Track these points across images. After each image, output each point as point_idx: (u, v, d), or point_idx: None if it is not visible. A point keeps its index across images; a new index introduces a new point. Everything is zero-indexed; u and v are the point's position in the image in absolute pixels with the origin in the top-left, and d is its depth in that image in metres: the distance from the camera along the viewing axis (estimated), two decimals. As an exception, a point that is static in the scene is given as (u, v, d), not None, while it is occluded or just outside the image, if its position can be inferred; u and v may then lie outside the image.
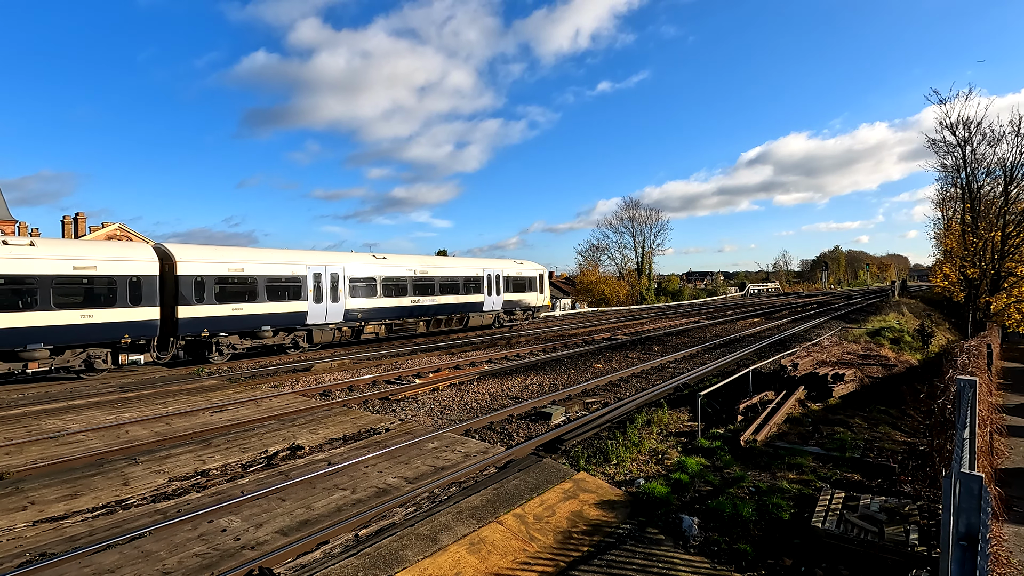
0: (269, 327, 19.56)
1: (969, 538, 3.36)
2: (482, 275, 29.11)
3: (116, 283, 15.94)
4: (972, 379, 5.05)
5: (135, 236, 45.44)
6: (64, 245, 16.21)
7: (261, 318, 19.29)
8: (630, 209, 75.10)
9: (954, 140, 28.87)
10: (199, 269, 17.80)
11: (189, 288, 17.46)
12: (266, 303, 19.43)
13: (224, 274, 18.37)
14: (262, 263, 19.56)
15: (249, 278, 19.02)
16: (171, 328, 17.28)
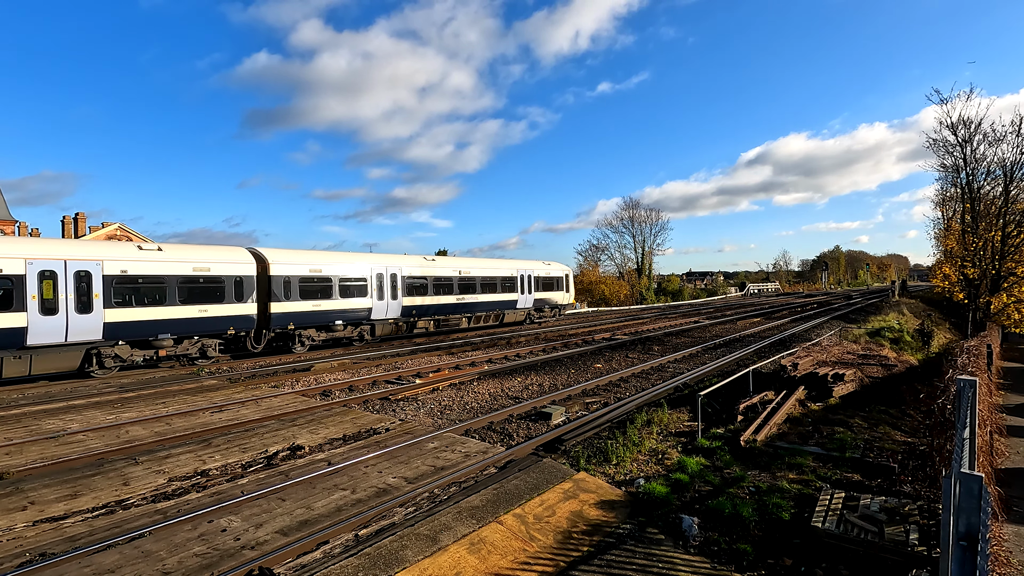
0: (341, 321, 22.15)
1: (969, 538, 3.36)
2: (516, 275, 31.65)
3: (224, 282, 18.46)
4: (972, 379, 5.06)
5: (135, 236, 45.43)
6: (184, 250, 18.44)
7: (335, 313, 21.91)
8: (630, 209, 75.19)
9: (954, 140, 28.86)
10: (287, 270, 20.32)
11: (279, 287, 19.97)
12: (339, 300, 22.05)
13: (306, 274, 20.89)
14: (336, 264, 22.29)
15: (326, 278, 21.67)
16: (264, 322, 19.82)
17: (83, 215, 46.58)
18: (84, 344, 15.56)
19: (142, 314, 16.47)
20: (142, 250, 17.01)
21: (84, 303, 15.43)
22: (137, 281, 16.52)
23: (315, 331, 21.50)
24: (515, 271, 31.67)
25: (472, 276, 28.57)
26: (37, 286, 14.64)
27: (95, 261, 15.72)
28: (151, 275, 16.82)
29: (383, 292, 23.71)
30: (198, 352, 18.30)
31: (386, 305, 23.88)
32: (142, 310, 16.50)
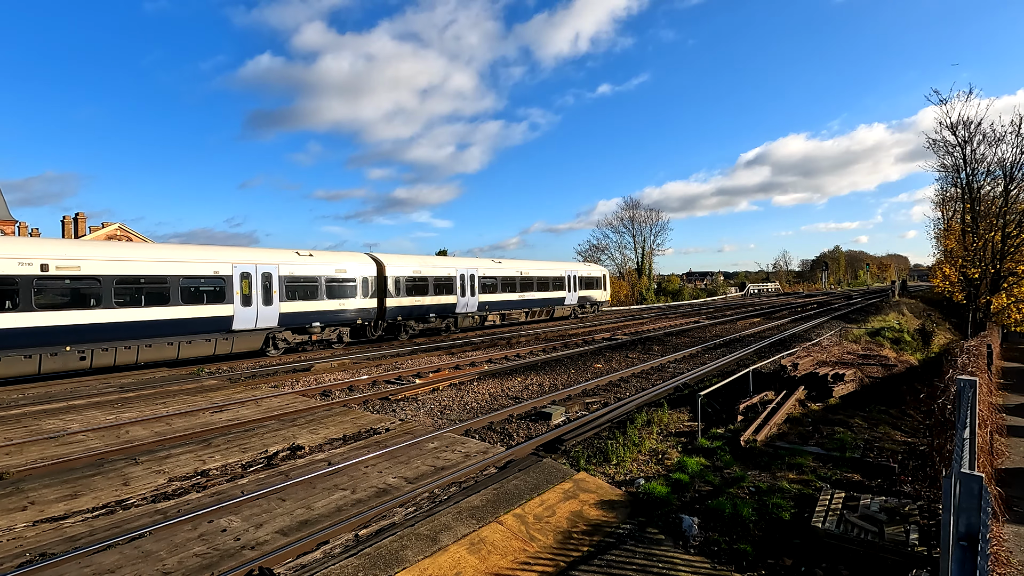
0: (434, 314, 26.71)
1: (969, 538, 3.36)
2: (564, 275, 35.76)
3: (355, 281, 22.72)
4: (972, 379, 5.06)
5: (135, 236, 45.43)
6: (329, 255, 22.60)
7: (430, 307, 26.40)
8: (630, 209, 75.26)
9: (954, 140, 28.83)
10: (397, 272, 24.69)
11: (392, 285, 24.41)
12: (433, 297, 26.45)
13: (410, 275, 25.36)
14: (430, 267, 26.64)
15: (424, 278, 26.12)
16: (381, 314, 24.09)
17: (83, 215, 46.60)
18: (266, 330, 19.81)
19: (302, 307, 20.73)
20: (300, 256, 21.17)
21: (267, 298, 19.54)
22: (300, 280, 20.69)
23: (415, 322, 25.95)
24: (563, 272, 35.84)
25: (530, 276, 32.98)
26: (239, 285, 18.67)
27: (274, 265, 19.85)
28: (308, 275, 21.03)
29: (465, 290, 28.15)
30: (336, 337, 22.54)
31: (467, 301, 28.42)
32: (302, 303, 20.74)
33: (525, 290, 32.43)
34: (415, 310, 25.54)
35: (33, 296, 14.48)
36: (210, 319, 17.93)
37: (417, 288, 25.61)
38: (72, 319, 15.10)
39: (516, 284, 31.86)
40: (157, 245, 20.80)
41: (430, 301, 26.27)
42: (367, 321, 23.37)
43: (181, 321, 17.23)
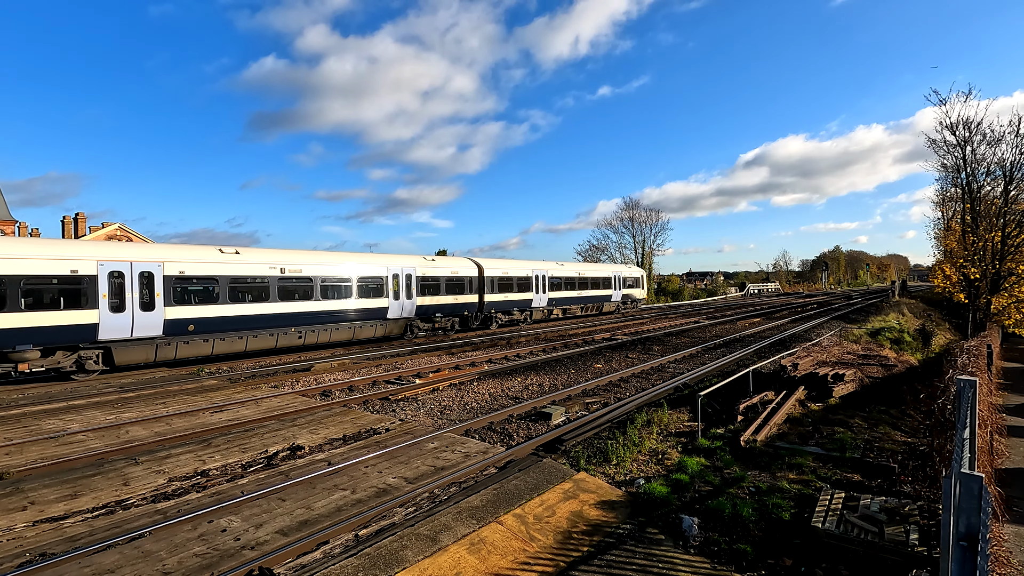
0: (516, 308, 32.20)
1: (969, 538, 3.36)
2: (611, 276, 41.35)
3: (464, 281, 28.42)
4: (972, 379, 5.06)
5: (135, 236, 45.44)
6: (446, 260, 29.39)
7: (514, 303, 31.86)
8: (630, 209, 75.25)
9: (954, 140, 28.84)
10: (492, 273, 30.18)
11: (489, 284, 29.94)
12: (516, 294, 31.94)
13: (501, 275, 30.87)
14: (515, 269, 32.23)
15: (510, 278, 31.52)
16: (480, 307, 29.48)
17: (83, 215, 46.61)
18: (407, 318, 25.18)
19: (431, 300, 26.23)
20: (427, 260, 26.88)
21: (409, 294, 24.99)
22: (429, 280, 26.20)
23: (502, 314, 31.31)
24: (611, 273, 41.69)
25: (586, 276, 38.48)
26: (391, 284, 24.24)
27: (412, 268, 25.44)
28: (434, 276, 26.63)
29: (538, 288, 33.73)
30: (450, 325, 28.13)
31: (540, 297, 34.04)
32: (431, 298, 26.24)
33: (582, 288, 37.90)
34: (504, 304, 31.16)
35: (276, 291, 19.67)
36: (374, 309, 23.54)
37: (506, 286, 31.25)
38: (296, 308, 20.32)
39: (575, 283, 37.30)
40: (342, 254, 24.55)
41: (514, 297, 32.02)
42: (471, 313, 29.01)
43: (358, 311, 22.85)
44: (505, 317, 31.59)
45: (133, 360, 16.44)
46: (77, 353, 15.46)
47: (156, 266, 16.58)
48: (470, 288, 28.61)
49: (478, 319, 29.76)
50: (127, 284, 15.97)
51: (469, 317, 29.16)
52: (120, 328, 15.84)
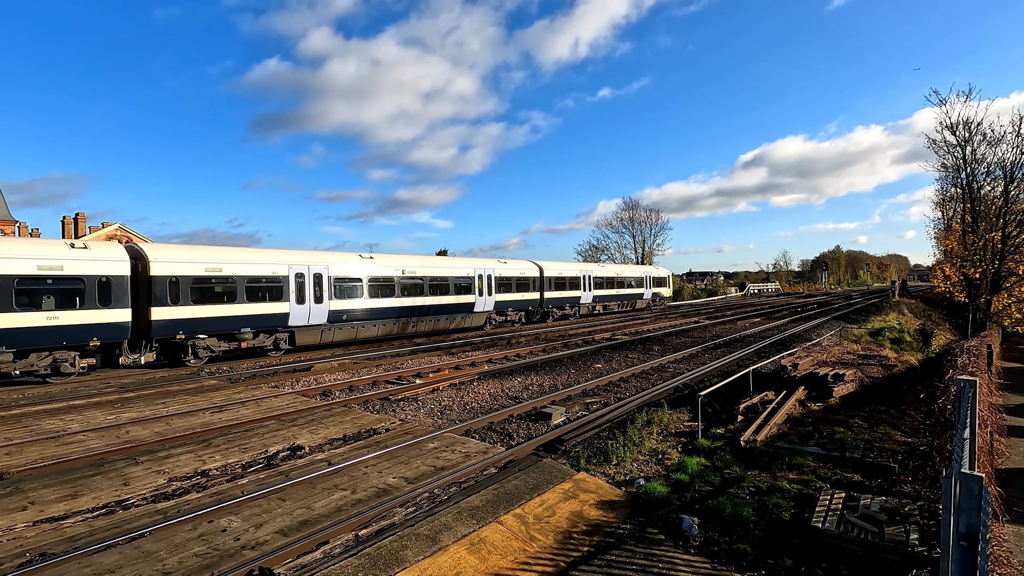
0: (568, 305, 36.77)
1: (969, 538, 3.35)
2: (643, 276, 46.30)
3: (529, 280, 33.04)
4: (972, 379, 5.06)
5: (135, 236, 45.44)
6: (514, 262, 33.08)
7: (566, 299, 36.50)
8: (630, 210, 75.40)
9: (954, 140, 28.84)
10: (550, 273, 34.95)
11: (548, 283, 34.57)
12: (567, 291, 36.54)
13: (557, 276, 35.55)
14: (567, 270, 36.96)
15: (563, 278, 36.21)
16: (540, 303, 34.21)
17: (83, 215, 46.65)
18: (486, 312, 29.94)
19: (504, 297, 31.03)
20: (501, 263, 31.61)
21: (489, 291, 29.88)
22: (503, 280, 31.05)
23: (556, 309, 35.88)
24: (643, 273, 46.48)
25: (623, 276, 43.33)
26: (477, 283, 29.09)
27: (491, 269, 30.22)
28: (507, 276, 31.41)
29: (585, 286, 38.27)
30: (518, 318, 32.66)
31: (587, 295, 38.68)
32: (503, 295, 31.02)
33: (619, 287, 42.53)
34: (558, 301, 35.83)
35: (399, 288, 24.59)
36: (464, 304, 28.48)
37: (560, 285, 35.84)
38: (411, 302, 25.27)
39: (614, 283, 41.85)
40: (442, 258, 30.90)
41: (566, 295, 36.52)
42: (533, 308, 33.74)
43: (453, 305, 27.75)
44: (559, 312, 36.36)
45: (307, 342, 20.92)
46: (274, 336, 19.94)
47: (323, 268, 21.25)
48: (533, 286, 33.60)
49: (539, 313, 34.59)
50: (306, 283, 20.57)
51: (532, 312, 34.01)
52: (302, 316, 20.50)
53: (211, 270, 18.19)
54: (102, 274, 15.75)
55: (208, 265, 18.14)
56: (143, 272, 16.89)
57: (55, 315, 14.85)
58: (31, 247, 15.14)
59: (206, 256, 18.37)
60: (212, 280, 18.19)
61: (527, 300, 32.95)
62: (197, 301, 17.70)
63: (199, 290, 17.83)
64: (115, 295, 15.94)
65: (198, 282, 17.80)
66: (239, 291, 18.67)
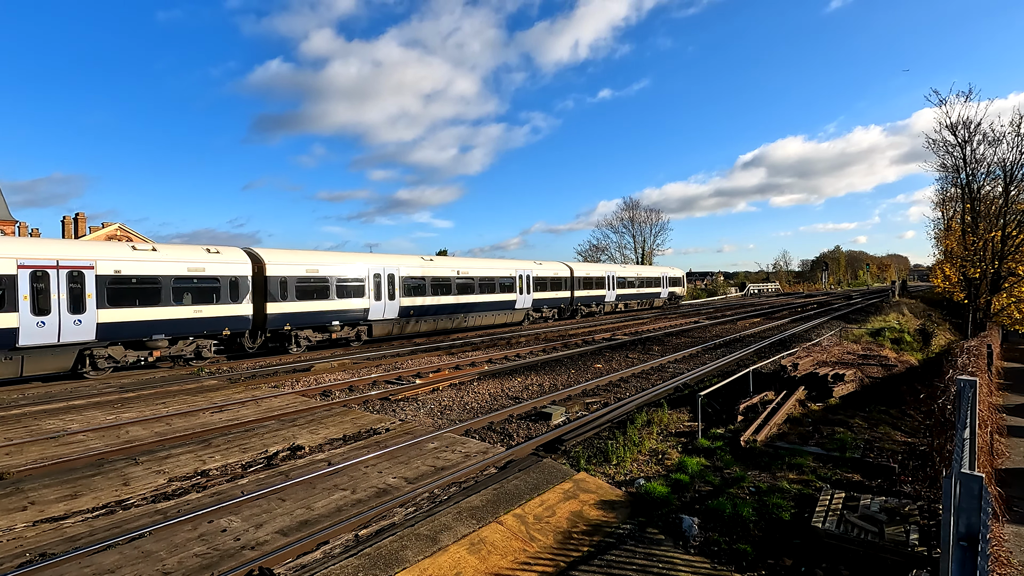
0: (594, 302, 39.78)
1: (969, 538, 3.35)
2: (660, 276, 49.80)
3: (561, 280, 35.91)
4: (972, 379, 5.06)
5: (135, 236, 45.44)
6: (551, 264, 35.94)
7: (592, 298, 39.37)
8: (630, 210, 75.48)
9: (954, 140, 28.83)
10: (579, 273, 37.87)
11: (577, 283, 37.38)
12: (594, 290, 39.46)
13: (584, 276, 38.40)
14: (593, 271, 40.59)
15: (591, 278, 39.32)
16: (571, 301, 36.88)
17: (83, 215, 46.65)
18: (525, 309, 32.67)
19: (540, 295, 33.77)
20: (537, 264, 34.03)
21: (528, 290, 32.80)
22: (540, 279, 33.75)
23: (584, 307, 38.65)
24: (660, 273, 49.89)
25: (642, 276, 46.78)
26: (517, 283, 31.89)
27: (530, 270, 33.05)
28: (542, 276, 34.04)
29: (609, 286, 41.27)
30: (551, 315, 35.52)
31: (611, 294, 41.39)
32: (540, 293, 33.86)
33: (640, 287, 45.82)
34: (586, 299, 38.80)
35: (455, 287, 27.60)
36: (508, 301, 31.25)
37: (588, 284, 38.65)
38: (464, 299, 28.08)
39: (635, 282, 45.09)
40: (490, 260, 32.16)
41: (593, 293, 39.36)
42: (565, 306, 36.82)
43: (499, 302, 30.56)
44: (586, 309, 39.05)
45: (381, 333, 24.16)
46: (356, 328, 23.11)
47: (395, 269, 24.44)
48: (565, 286, 36.21)
49: (569, 310, 37.35)
50: (382, 283, 23.80)
51: (563, 309, 36.60)
52: (378, 312, 23.62)
53: (310, 271, 21.03)
54: (232, 275, 18.65)
55: (308, 267, 20.98)
56: (260, 273, 19.62)
57: (199, 308, 17.81)
58: (180, 252, 18.04)
59: (306, 259, 21.25)
60: (311, 280, 20.99)
61: (560, 298, 35.69)
62: (299, 298, 20.55)
63: (301, 288, 20.61)
64: (241, 292, 18.87)
65: (301, 281, 20.63)
66: (331, 289, 21.65)
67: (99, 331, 15.75)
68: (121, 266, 16.40)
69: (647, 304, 47.21)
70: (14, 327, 14.33)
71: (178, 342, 17.69)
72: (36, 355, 14.87)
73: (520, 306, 32.09)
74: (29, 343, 14.57)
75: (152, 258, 17.04)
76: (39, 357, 14.96)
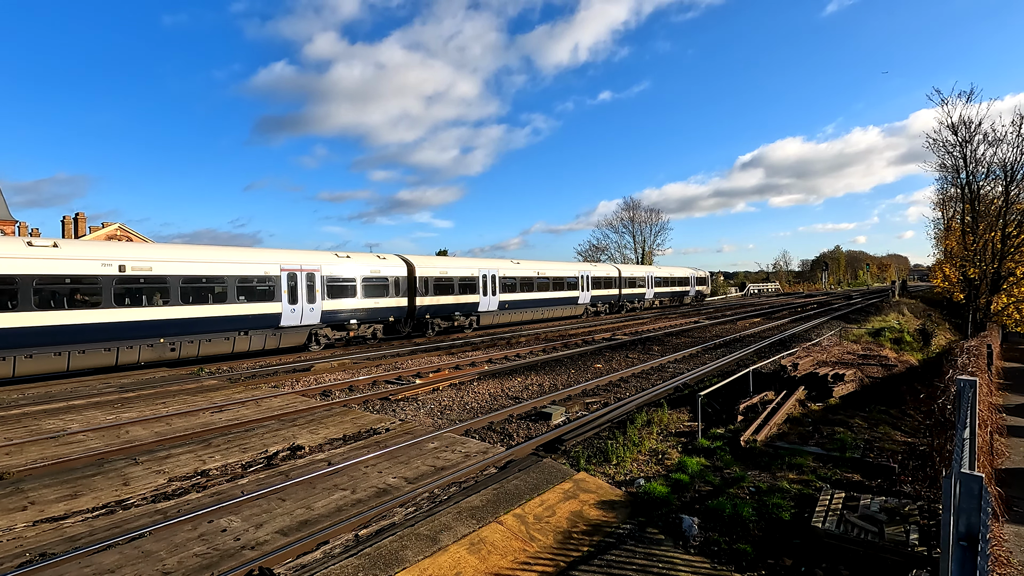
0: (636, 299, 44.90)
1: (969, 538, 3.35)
2: (690, 276, 55.42)
3: (612, 280, 41.22)
4: (972, 379, 5.05)
5: (135, 236, 45.44)
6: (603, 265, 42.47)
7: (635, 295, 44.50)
8: (630, 210, 75.59)
9: (954, 140, 28.85)
10: (626, 274, 43.40)
11: (624, 282, 42.81)
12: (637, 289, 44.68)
13: (629, 276, 43.79)
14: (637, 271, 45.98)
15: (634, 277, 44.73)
16: (619, 298, 42.27)
17: (83, 215, 46.67)
18: (586, 304, 38.19)
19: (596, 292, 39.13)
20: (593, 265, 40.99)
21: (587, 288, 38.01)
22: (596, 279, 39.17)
23: (628, 303, 43.80)
24: (689, 273, 55.48)
25: (675, 276, 52.37)
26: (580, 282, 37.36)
27: (588, 271, 38.81)
28: (597, 276, 39.56)
29: (648, 285, 46.52)
30: (605, 309, 41.13)
31: (650, 292, 46.75)
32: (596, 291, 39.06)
33: (672, 285, 51.15)
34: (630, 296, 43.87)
35: (536, 285, 33.55)
36: (572, 297, 36.63)
37: (632, 283, 43.90)
38: (541, 296, 33.97)
39: (669, 281, 50.69)
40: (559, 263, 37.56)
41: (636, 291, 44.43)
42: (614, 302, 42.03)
43: (565, 298, 36.06)
44: (630, 305, 44.13)
45: (486, 322, 30.43)
46: (470, 317, 29.26)
47: (496, 271, 30.64)
48: (615, 284, 41.51)
49: (617, 306, 42.61)
50: (488, 282, 30.07)
51: (613, 305, 41.84)
52: (486, 305, 30.00)
53: (442, 272, 27.29)
54: (396, 275, 24.86)
55: (440, 270, 27.33)
56: (411, 274, 25.70)
57: (376, 301, 23.90)
58: (364, 259, 24.00)
59: (439, 263, 28.20)
60: (442, 279, 27.26)
61: (611, 295, 40.89)
62: (435, 293, 26.82)
63: (436, 286, 26.91)
64: (401, 289, 25.03)
65: (436, 281, 26.95)
66: (455, 287, 27.95)
67: (323, 316, 21.66)
68: (333, 270, 22.13)
69: (678, 301, 53.24)
70: (278, 312, 20.15)
71: (361, 326, 23.55)
72: (288, 333, 20.72)
73: (581, 302, 37.61)
74: (285, 324, 20.49)
75: (350, 264, 23.04)
76: (289, 334, 20.79)
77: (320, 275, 21.45)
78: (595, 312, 39.60)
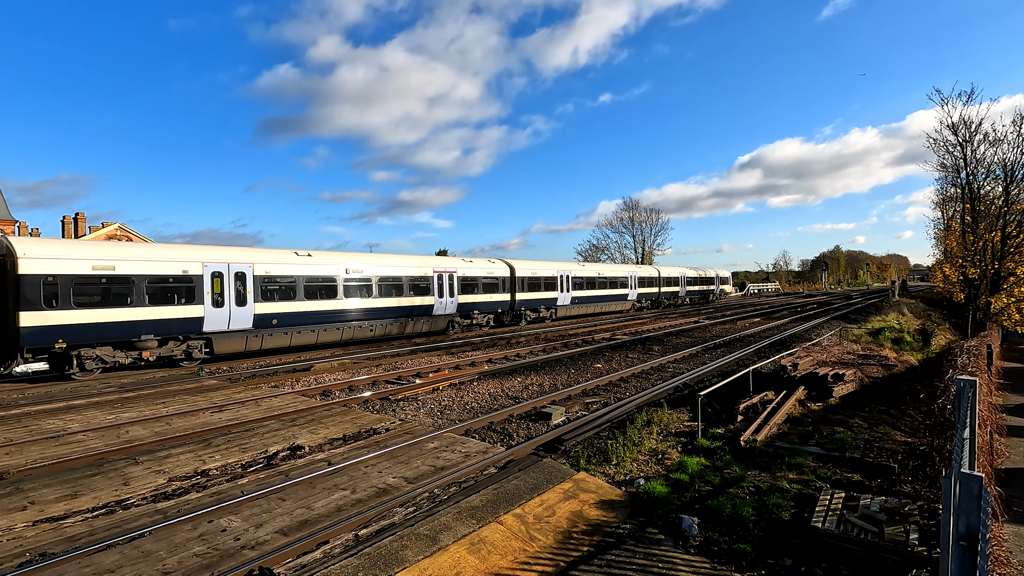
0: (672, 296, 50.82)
1: (969, 538, 3.36)
2: (714, 276, 60.25)
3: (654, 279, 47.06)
4: (972, 379, 5.05)
5: (135, 236, 45.46)
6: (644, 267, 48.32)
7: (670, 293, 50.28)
8: (630, 210, 75.72)
9: (955, 140, 28.87)
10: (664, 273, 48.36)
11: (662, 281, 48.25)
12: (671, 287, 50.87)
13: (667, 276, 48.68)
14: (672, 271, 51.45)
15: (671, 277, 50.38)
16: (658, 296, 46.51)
17: (83, 216, 46.70)
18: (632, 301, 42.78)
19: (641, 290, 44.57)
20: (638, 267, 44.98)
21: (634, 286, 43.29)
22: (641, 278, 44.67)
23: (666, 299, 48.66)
24: (714, 273, 60.28)
25: (703, 276, 57.22)
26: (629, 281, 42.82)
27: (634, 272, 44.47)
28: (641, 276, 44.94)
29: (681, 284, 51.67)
30: (648, 305, 45.19)
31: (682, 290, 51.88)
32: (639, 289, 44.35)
33: (700, 284, 56.46)
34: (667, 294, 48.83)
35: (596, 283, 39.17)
36: (621, 295, 41.61)
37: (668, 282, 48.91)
38: (596, 293, 38.93)
39: (698, 280, 55.94)
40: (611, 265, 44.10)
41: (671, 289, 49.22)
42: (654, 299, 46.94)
43: (616, 296, 41.17)
44: (667, 301, 49.34)
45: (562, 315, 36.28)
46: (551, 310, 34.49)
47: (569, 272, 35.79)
48: (656, 283, 46.82)
49: (658, 302, 47.61)
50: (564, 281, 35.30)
51: (655, 301, 46.95)
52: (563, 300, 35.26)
53: (532, 273, 33.09)
54: (503, 276, 30.94)
55: (532, 271, 33.16)
56: (512, 275, 31.61)
57: (491, 296, 29.89)
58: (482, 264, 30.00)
59: (531, 265, 33.52)
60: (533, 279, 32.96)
61: (652, 293, 46.11)
62: (528, 290, 32.68)
63: (529, 284, 32.75)
64: (506, 287, 31.06)
65: (529, 280, 32.78)
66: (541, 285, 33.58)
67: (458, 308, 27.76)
68: (464, 272, 28.38)
69: (704, 299, 58.00)
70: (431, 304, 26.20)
71: (472, 316, 28.99)
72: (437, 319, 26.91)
73: (630, 298, 42.82)
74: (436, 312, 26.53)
75: (473, 267, 29.06)
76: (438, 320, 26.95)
77: (456, 276, 27.60)
78: (638, 308, 44.56)
